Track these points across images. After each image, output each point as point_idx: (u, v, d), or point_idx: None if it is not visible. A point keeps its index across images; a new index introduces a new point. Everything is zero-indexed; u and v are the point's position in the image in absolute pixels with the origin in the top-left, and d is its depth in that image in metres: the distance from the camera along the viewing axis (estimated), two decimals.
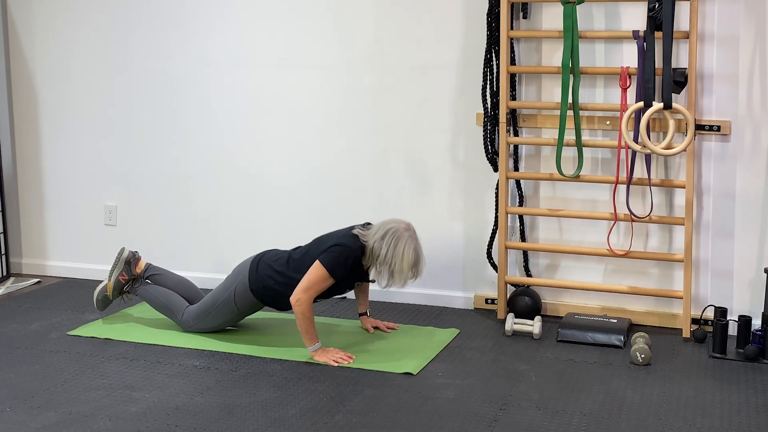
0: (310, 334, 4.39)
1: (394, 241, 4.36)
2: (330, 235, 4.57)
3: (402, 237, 4.37)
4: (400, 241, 4.36)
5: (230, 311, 4.66)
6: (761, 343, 4.44)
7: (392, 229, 4.39)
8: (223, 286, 4.69)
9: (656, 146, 4.56)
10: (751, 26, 4.62)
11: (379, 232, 4.41)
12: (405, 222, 4.47)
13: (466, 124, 5.14)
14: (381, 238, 4.38)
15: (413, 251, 4.38)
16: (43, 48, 5.80)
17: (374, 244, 4.39)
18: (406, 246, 4.36)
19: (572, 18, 4.63)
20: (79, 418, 3.74)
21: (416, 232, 4.47)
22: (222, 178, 5.60)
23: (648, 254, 4.86)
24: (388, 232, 4.38)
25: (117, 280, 4.86)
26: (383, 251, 4.35)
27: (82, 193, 5.86)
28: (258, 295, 4.59)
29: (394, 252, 4.35)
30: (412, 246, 4.39)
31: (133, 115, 5.71)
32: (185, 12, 5.52)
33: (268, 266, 4.57)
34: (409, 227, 4.44)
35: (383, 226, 4.43)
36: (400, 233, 4.38)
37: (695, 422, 3.73)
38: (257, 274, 4.57)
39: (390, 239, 4.36)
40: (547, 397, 3.98)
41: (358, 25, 5.24)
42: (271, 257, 4.62)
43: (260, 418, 3.75)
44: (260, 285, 4.56)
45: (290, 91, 5.42)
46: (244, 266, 4.65)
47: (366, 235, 4.43)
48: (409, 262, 4.37)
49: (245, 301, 4.62)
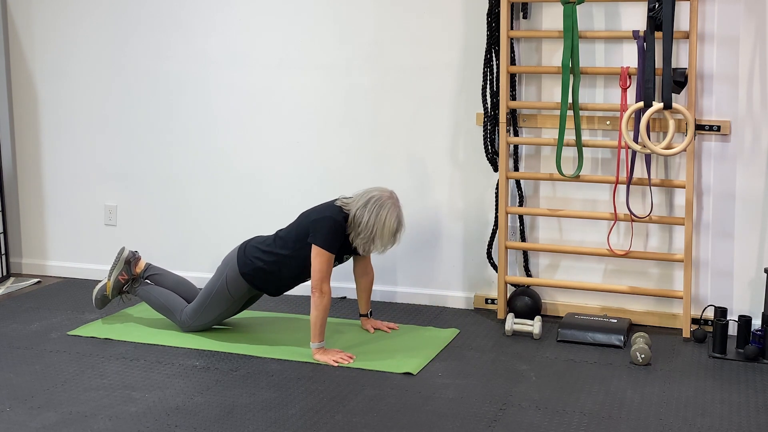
0: (321, 329, 4.39)
1: (377, 208, 4.39)
2: (313, 209, 4.59)
3: (385, 204, 4.40)
4: (383, 208, 4.39)
5: (225, 300, 4.67)
6: (761, 343, 4.44)
7: (375, 197, 4.41)
8: (214, 277, 4.72)
9: (656, 146, 4.56)
10: (751, 26, 4.62)
11: (361, 199, 4.43)
12: (388, 189, 4.49)
13: (466, 124, 5.14)
14: (363, 205, 4.40)
15: (396, 218, 4.42)
16: (43, 48, 5.80)
17: (356, 211, 4.41)
18: (389, 213, 4.39)
19: (572, 18, 4.63)
20: (79, 418, 3.74)
21: (399, 200, 4.49)
22: (222, 178, 5.60)
23: (648, 254, 4.86)
24: (371, 199, 4.41)
25: (117, 279, 4.86)
26: (365, 218, 4.38)
27: (82, 193, 5.86)
28: (249, 278, 4.60)
29: (377, 219, 4.37)
30: (395, 213, 4.42)
31: (133, 115, 5.71)
32: (185, 12, 5.52)
33: (255, 248, 4.62)
34: (392, 195, 4.47)
35: (366, 194, 4.45)
36: (383, 201, 4.40)
37: (695, 422, 3.73)
38: (245, 258, 4.61)
39: (372, 206, 4.39)
40: (547, 397, 3.98)
41: (358, 25, 5.24)
42: (258, 240, 4.67)
43: (260, 418, 3.75)
44: (250, 267, 4.58)
45: (290, 91, 5.42)
46: (232, 254, 4.69)
47: (348, 204, 4.46)
48: (390, 229, 4.40)
49: (238, 286, 4.63)
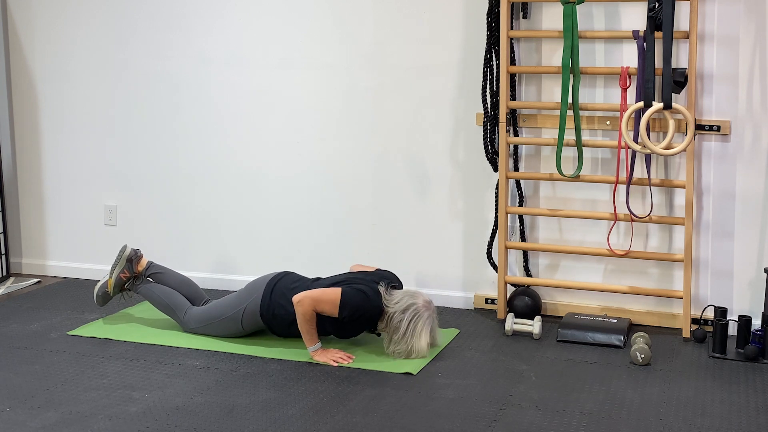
0: (310, 334, 4.39)
1: (415, 319, 4.39)
2: (358, 276, 4.57)
3: (422, 316, 4.41)
4: (420, 320, 4.40)
5: (235, 328, 4.65)
6: (761, 343, 4.44)
7: (414, 306, 4.40)
8: (233, 301, 4.66)
9: (656, 146, 4.56)
10: (751, 26, 4.62)
11: (401, 303, 4.41)
12: (426, 299, 4.49)
13: (466, 124, 5.14)
14: (402, 311, 4.39)
15: (430, 333, 4.44)
16: (43, 48, 5.80)
17: (395, 314, 4.40)
18: (425, 327, 4.40)
19: (572, 18, 4.63)
20: (79, 418, 3.74)
21: (436, 311, 4.51)
22: (222, 178, 5.60)
23: (648, 254, 4.86)
24: (410, 307, 4.40)
25: (118, 277, 4.86)
26: (402, 327, 4.38)
27: (82, 193, 5.86)
28: (266, 321, 4.57)
29: (413, 332, 4.38)
30: (429, 327, 4.43)
31: (133, 114, 5.71)
32: (186, 12, 5.52)
33: (282, 295, 4.53)
34: (429, 306, 4.47)
35: (405, 299, 4.43)
36: (420, 312, 4.40)
37: (695, 422, 3.73)
38: (270, 301, 4.54)
39: (411, 315, 4.39)
40: (547, 397, 3.98)
41: (358, 25, 5.24)
42: (288, 285, 4.57)
43: (260, 418, 3.75)
44: (271, 313, 4.54)
45: (290, 91, 5.42)
46: (259, 286, 4.61)
47: (388, 300, 4.44)
48: (426, 342, 4.42)
49: (252, 322, 4.61)
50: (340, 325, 4.46)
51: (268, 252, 5.53)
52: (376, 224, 5.35)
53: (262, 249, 5.56)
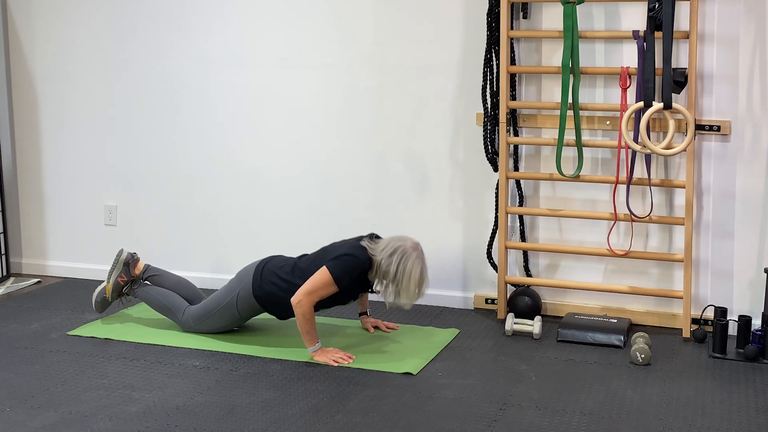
0: (310, 335, 4.39)
1: (403, 260, 4.37)
2: (338, 244, 4.57)
3: (410, 257, 4.38)
4: (408, 260, 4.37)
5: (232, 316, 4.66)
6: (761, 343, 4.44)
7: (401, 248, 4.39)
8: (226, 289, 4.69)
9: (656, 146, 4.56)
10: (751, 26, 4.62)
11: (387, 248, 4.40)
12: (413, 240, 4.46)
13: (466, 124, 5.14)
14: (389, 255, 4.38)
15: (420, 272, 4.40)
16: (43, 48, 5.80)
17: (382, 260, 4.39)
18: (414, 266, 4.37)
19: (572, 18, 4.63)
20: (79, 418, 3.74)
21: (423, 252, 4.47)
22: (222, 178, 5.60)
23: (648, 254, 4.86)
24: (397, 250, 4.39)
25: (116, 281, 4.86)
26: (392, 269, 4.36)
27: (82, 193, 5.86)
28: (261, 301, 4.59)
29: (403, 271, 4.35)
30: (419, 266, 4.40)
31: (133, 114, 5.71)
32: (185, 12, 5.52)
33: (272, 273, 4.56)
34: (416, 247, 4.44)
35: (392, 243, 4.42)
36: (408, 253, 4.38)
37: (695, 422, 3.73)
38: (261, 281, 4.57)
39: (398, 257, 4.37)
40: (547, 397, 3.98)
41: (358, 25, 5.24)
42: (276, 264, 4.61)
43: (260, 418, 3.75)
44: (264, 291, 4.56)
45: (290, 91, 5.42)
46: (248, 271, 4.64)
47: (374, 249, 4.43)
48: (416, 282, 4.38)
49: (247, 306, 4.62)
50: (343, 293, 4.47)
51: (267, 252, 5.48)
52: (376, 224, 5.34)
53: (261, 249, 5.53)
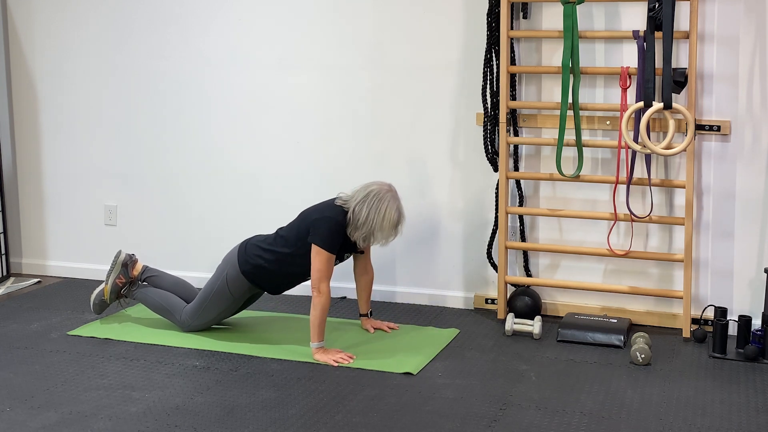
0: (320, 329, 4.39)
1: (376, 202, 4.38)
2: (313, 208, 4.59)
3: (384, 198, 4.39)
4: (383, 202, 4.38)
5: (225, 299, 4.67)
6: (761, 343, 4.44)
7: (373, 191, 4.41)
8: (214, 276, 4.72)
9: (656, 146, 4.56)
10: (751, 26, 4.62)
11: (359, 194, 4.43)
12: (386, 183, 4.49)
13: (466, 124, 5.14)
14: (362, 200, 4.39)
15: (396, 210, 4.41)
16: (43, 48, 5.80)
17: (356, 206, 4.40)
18: (389, 206, 4.39)
19: (572, 18, 4.63)
20: (79, 418, 3.74)
21: (398, 192, 4.49)
22: (222, 178, 5.60)
23: (648, 254, 4.86)
24: (370, 194, 4.40)
25: (114, 283, 4.87)
26: (364, 212, 4.37)
27: (82, 193, 5.86)
28: (250, 276, 4.60)
29: (377, 212, 4.37)
30: (395, 205, 4.41)
31: (133, 115, 5.71)
32: (185, 12, 5.52)
33: (256, 247, 4.61)
34: (390, 188, 4.47)
35: (364, 188, 4.45)
36: (382, 194, 4.40)
37: (695, 422, 3.73)
38: (246, 256, 4.60)
39: (372, 200, 4.38)
40: (547, 397, 3.98)
41: (358, 26, 5.24)
42: (258, 239, 4.66)
43: (260, 418, 3.75)
44: (250, 265, 4.58)
45: (290, 92, 5.42)
46: (232, 252, 4.68)
47: (347, 201, 4.45)
48: (391, 221, 4.39)
49: (238, 285, 4.63)
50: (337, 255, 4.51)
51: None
52: None
53: None
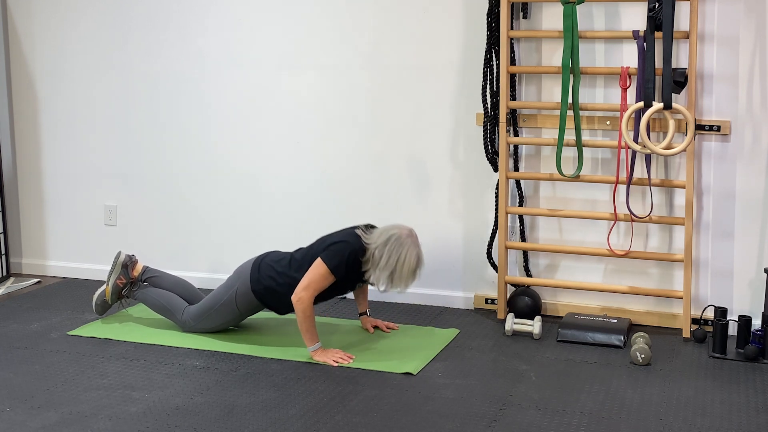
0: (310, 333, 4.39)
1: (397, 247, 4.35)
2: (332, 234, 4.57)
3: (404, 243, 4.36)
4: (403, 247, 4.35)
5: (231, 312, 4.66)
6: (761, 343, 4.44)
7: (395, 235, 4.37)
8: (224, 286, 4.69)
9: (656, 146, 4.56)
10: (751, 26, 4.62)
11: (381, 236, 4.39)
12: (407, 227, 4.45)
13: (466, 124, 5.14)
14: (384, 243, 4.36)
15: (415, 257, 4.38)
16: (43, 48, 5.80)
17: (376, 249, 4.37)
18: (409, 252, 4.36)
19: (572, 18, 4.63)
20: (79, 418, 3.74)
21: (418, 238, 4.46)
22: (222, 178, 5.60)
23: (648, 254, 4.86)
24: (391, 237, 4.37)
25: (115, 284, 4.87)
26: (385, 257, 4.34)
27: (82, 193, 5.86)
28: (259, 296, 4.59)
29: (397, 258, 4.34)
30: (414, 252, 4.38)
31: (133, 115, 5.71)
32: (185, 12, 5.52)
33: (269, 267, 4.57)
34: (411, 233, 4.43)
35: (386, 232, 4.41)
36: (402, 239, 4.37)
37: (695, 422, 3.73)
38: (259, 275, 4.57)
39: (393, 245, 4.35)
40: (547, 397, 3.98)
41: (358, 25, 5.24)
42: (273, 258, 4.62)
43: (260, 418, 3.75)
44: (262, 286, 4.56)
45: (290, 92, 5.42)
46: (246, 267, 4.64)
47: (368, 238, 4.42)
48: (410, 268, 4.37)
49: (246, 302, 4.62)
50: (340, 283, 4.47)
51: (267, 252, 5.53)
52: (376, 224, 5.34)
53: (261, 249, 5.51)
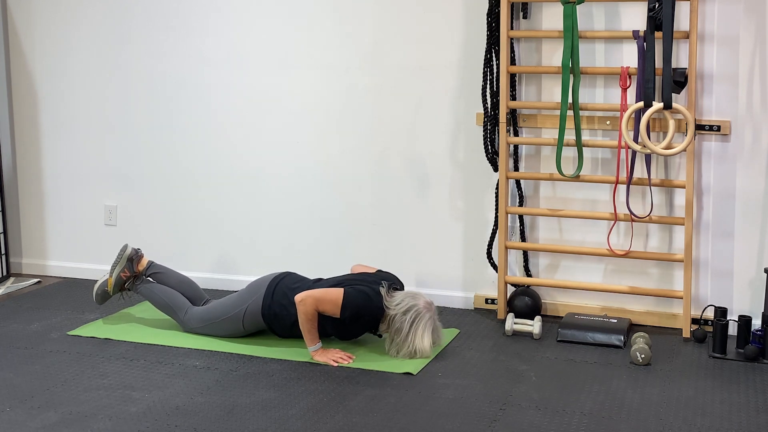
0: (312, 334, 4.39)
1: (416, 321, 4.39)
2: (359, 279, 4.57)
3: (423, 317, 4.41)
4: (421, 322, 4.40)
5: (236, 329, 4.65)
6: (761, 343, 4.44)
7: (415, 307, 4.41)
8: (235, 300, 4.66)
9: (656, 146, 4.56)
10: (751, 26, 4.62)
11: (402, 305, 4.41)
12: (427, 300, 4.49)
13: (466, 124, 5.14)
14: (403, 313, 4.40)
15: (432, 333, 4.44)
16: (43, 48, 5.80)
17: (396, 316, 4.40)
18: (426, 328, 4.41)
19: (572, 18, 4.63)
20: (79, 418, 3.74)
21: (436, 312, 4.51)
22: (222, 178, 5.59)
23: (648, 254, 4.86)
24: (411, 308, 4.40)
25: (118, 276, 4.86)
26: (405, 328, 4.39)
27: (82, 193, 5.86)
28: (268, 320, 4.58)
29: (415, 333, 4.39)
30: (431, 328, 4.44)
31: (133, 115, 5.71)
32: (185, 12, 5.52)
33: (284, 295, 4.54)
34: (430, 307, 4.47)
35: (406, 300, 4.43)
36: (422, 314, 4.41)
37: (695, 422, 3.73)
38: (272, 301, 4.55)
39: (412, 317, 4.39)
40: (547, 397, 3.98)
41: (358, 25, 5.24)
42: (289, 284, 4.58)
43: (260, 418, 3.75)
44: (272, 312, 4.55)
45: (290, 91, 5.42)
46: (260, 286, 4.62)
47: (389, 302, 4.44)
48: (428, 343, 4.42)
49: (253, 322, 4.61)
50: (342, 326, 4.46)
51: (267, 252, 5.53)
52: (376, 224, 5.35)
53: (261, 249, 5.56)
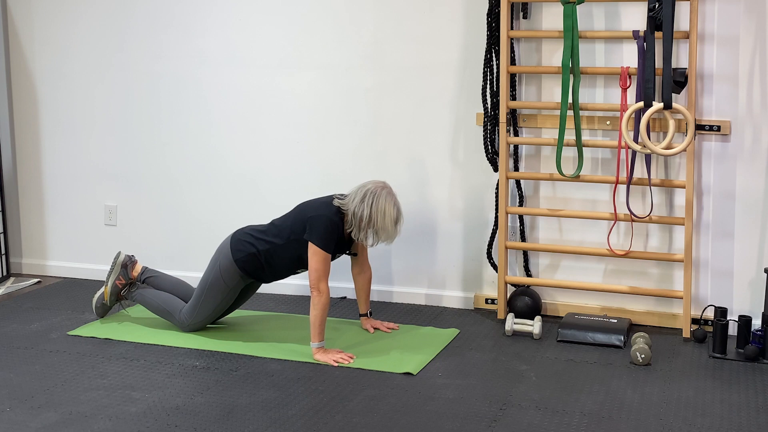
0: (320, 328, 4.41)
1: (375, 200, 4.44)
2: (311, 203, 4.62)
3: (380, 195, 4.45)
4: (380, 199, 4.44)
5: (221, 290, 4.68)
6: (761, 343, 4.44)
7: (369, 190, 4.46)
8: (207, 269, 4.74)
9: (656, 146, 4.56)
10: (751, 26, 4.62)
11: (357, 195, 4.47)
12: (381, 181, 4.54)
13: (466, 124, 5.14)
14: (360, 200, 4.44)
15: (393, 207, 4.47)
16: (43, 48, 5.80)
17: (354, 208, 4.45)
18: (386, 203, 4.45)
19: (572, 18, 4.63)
20: (79, 418, 3.74)
21: (393, 189, 4.53)
22: (221, 178, 5.60)
23: (648, 254, 4.87)
24: (367, 193, 4.46)
25: (114, 284, 4.88)
26: (365, 212, 4.43)
27: (82, 193, 5.86)
28: (241, 264, 4.62)
29: (377, 211, 4.43)
30: (392, 201, 4.47)
31: (133, 115, 5.71)
32: (185, 12, 5.52)
33: (247, 234, 4.65)
34: (385, 185, 4.52)
35: (360, 189, 4.50)
36: (378, 192, 4.46)
37: (695, 422, 3.73)
38: (238, 244, 4.63)
39: (369, 199, 4.44)
40: (547, 397, 3.98)
41: (358, 25, 5.24)
42: (251, 228, 4.71)
43: (260, 418, 3.75)
44: (243, 254, 4.61)
45: (290, 91, 5.42)
46: (225, 242, 4.71)
47: (345, 203, 4.49)
48: (392, 218, 4.46)
49: (231, 274, 4.65)
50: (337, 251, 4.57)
51: None
52: None
53: None
